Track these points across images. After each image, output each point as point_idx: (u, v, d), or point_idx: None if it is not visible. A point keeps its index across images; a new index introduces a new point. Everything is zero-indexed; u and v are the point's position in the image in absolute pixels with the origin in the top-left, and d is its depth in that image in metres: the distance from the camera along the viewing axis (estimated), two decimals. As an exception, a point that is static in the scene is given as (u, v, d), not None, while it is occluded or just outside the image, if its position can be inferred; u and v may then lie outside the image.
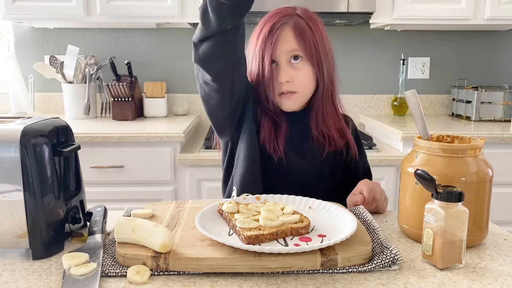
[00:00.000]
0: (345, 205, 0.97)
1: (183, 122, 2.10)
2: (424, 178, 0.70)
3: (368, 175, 1.17)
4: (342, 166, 1.12)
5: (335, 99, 1.09)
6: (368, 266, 0.67)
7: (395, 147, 1.94)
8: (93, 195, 1.31)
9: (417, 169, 0.72)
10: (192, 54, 0.96)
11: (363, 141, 1.88)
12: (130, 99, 2.17)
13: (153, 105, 2.28)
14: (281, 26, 1.02)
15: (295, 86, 1.03)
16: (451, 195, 0.67)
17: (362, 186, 0.97)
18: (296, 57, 1.02)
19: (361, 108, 2.46)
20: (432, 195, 0.69)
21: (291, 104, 1.06)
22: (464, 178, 0.74)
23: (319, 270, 0.66)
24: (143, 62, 2.40)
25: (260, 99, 1.06)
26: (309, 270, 0.66)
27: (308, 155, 1.07)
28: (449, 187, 0.69)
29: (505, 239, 0.81)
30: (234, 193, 1.10)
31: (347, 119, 1.15)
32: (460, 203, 0.68)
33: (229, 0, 0.85)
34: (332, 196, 0.96)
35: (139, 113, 2.29)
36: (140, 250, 0.67)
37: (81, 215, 0.82)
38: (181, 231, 0.76)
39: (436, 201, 0.68)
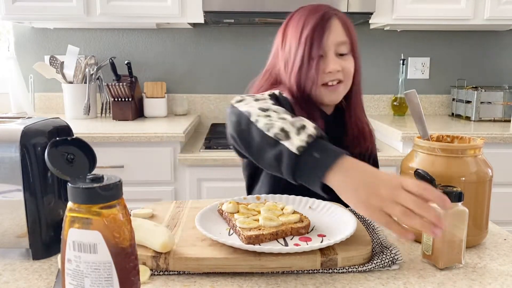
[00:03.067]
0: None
1: (183, 122, 2.10)
2: (424, 178, 0.70)
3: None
4: None
5: (361, 97, 1.11)
6: (368, 266, 0.67)
7: (395, 147, 1.94)
8: (93, 195, 1.31)
9: (417, 169, 0.72)
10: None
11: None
12: (130, 99, 2.17)
13: (153, 105, 2.28)
14: (331, 17, 1.01)
15: (344, 75, 1.02)
16: (450, 195, 0.67)
17: None
18: (342, 54, 1.02)
19: (361, 108, 2.46)
20: None
21: (336, 96, 1.04)
22: (464, 178, 0.74)
23: (319, 270, 0.66)
24: (143, 62, 2.40)
25: (295, 95, 1.02)
26: (309, 270, 0.66)
27: None
28: (448, 187, 0.69)
29: (505, 239, 0.81)
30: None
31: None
32: (459, 203, 0.68)
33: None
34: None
35: (139, 113, 2.29)
36: (140, 250, 0.67)
37: (81, 215, 0.82)
38: (181, 231, 0.76)
39: None
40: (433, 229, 0.58)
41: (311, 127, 0.69)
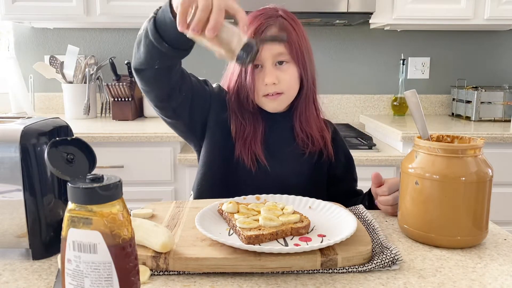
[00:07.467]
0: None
1: (183, 122, 2.09)
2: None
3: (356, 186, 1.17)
4: (323, 171, 1.10)
5: (315, 100, 1.09)
6: (368, 266, 0.67)
7: (395, 147, 1.94)
8: (93, 195, 1.31)
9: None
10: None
11: (363, 141, 1.90)
12: (130, 99, 2.17)
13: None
14: (267, 28, 1.00)
15: (281, 87, 1.01)
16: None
17: (393, 187, 0.93)
18: (281, 62, 1.01)
19: (361, 108, 2.46)
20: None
21: (277, 105, 1.04)
22: (464, 178, 0.74)
23: (319, 270, 0.66)
24: (143, 62, 2.40)
25: (239, 102, 1.04)
26: (309, 270, 0.66)
27: (289, 158, 1.06)
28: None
29: (505, 239, 0.81)
30: (191, 197, 1.10)
31: (326, 124, 1.13)
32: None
33: (162, 46, 0.83)
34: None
35: (139, 113, 2.29)
36: (140, 250, 0.67)
37: (81, 215, 0.82)
38: (181, 231, 0.76)
39: None
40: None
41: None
